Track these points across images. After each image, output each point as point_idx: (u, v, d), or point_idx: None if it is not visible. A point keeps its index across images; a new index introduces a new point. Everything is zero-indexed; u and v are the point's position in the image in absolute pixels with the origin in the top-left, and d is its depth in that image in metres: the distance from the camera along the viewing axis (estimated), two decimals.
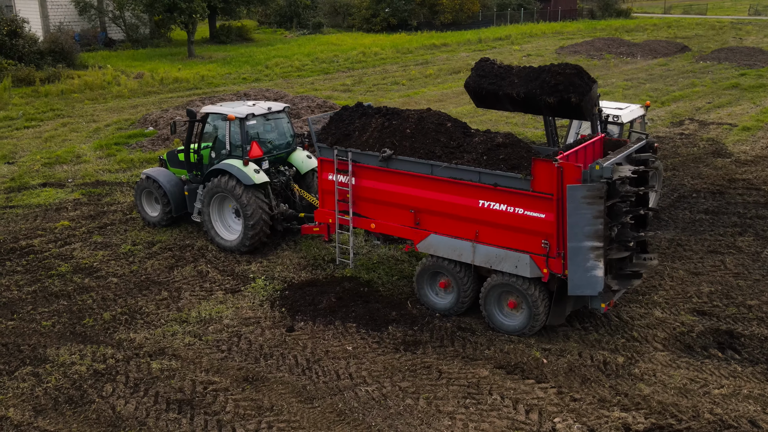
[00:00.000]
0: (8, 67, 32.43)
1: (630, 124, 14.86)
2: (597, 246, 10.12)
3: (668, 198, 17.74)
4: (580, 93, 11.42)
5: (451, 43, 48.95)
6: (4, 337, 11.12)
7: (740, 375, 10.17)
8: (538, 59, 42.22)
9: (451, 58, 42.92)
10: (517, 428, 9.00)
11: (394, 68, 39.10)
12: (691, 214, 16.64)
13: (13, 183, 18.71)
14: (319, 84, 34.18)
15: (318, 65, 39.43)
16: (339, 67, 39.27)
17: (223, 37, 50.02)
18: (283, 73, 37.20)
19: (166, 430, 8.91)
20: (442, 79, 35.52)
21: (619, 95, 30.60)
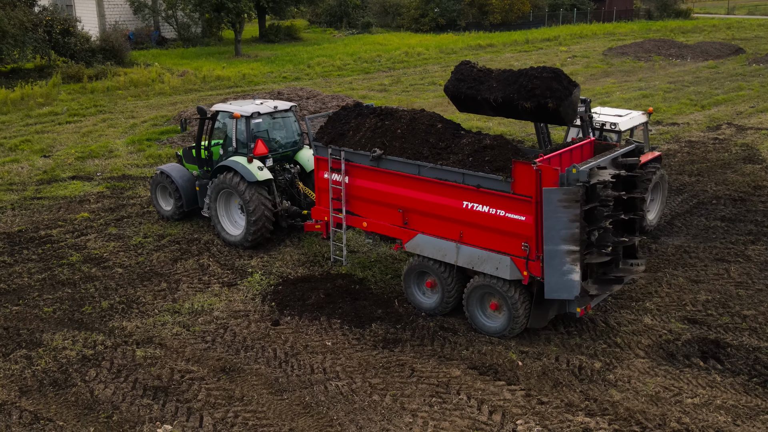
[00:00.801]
0: (60, 65, 33.75)
1: (630, 131, 14.55)
2: (573, 250, 10.09)
3: (686, 204, 17.40)
4: (558, 98, 11.31)
5: (497, 43, 48.68)
6: (7, 321, 11.72)
7: (718, 385, 9.99)
8: (584, 60, 41.71)
9: (495, 58, 42.69)
10: (478, 428, 9.07)
11: (435, 68, 39.15)
12: (707, 220, 16.29)
13: (44, 175, 19.56)
14: (357, 83, 34.50)
15: (359, 65, 39.78)
16: (380, 67, 39.53)
17: (272, 36, 50.87)
18: (323, 72, 37.67)
19: (137, 414, 9.30)
20: None
21: (659, 98, 30.01)
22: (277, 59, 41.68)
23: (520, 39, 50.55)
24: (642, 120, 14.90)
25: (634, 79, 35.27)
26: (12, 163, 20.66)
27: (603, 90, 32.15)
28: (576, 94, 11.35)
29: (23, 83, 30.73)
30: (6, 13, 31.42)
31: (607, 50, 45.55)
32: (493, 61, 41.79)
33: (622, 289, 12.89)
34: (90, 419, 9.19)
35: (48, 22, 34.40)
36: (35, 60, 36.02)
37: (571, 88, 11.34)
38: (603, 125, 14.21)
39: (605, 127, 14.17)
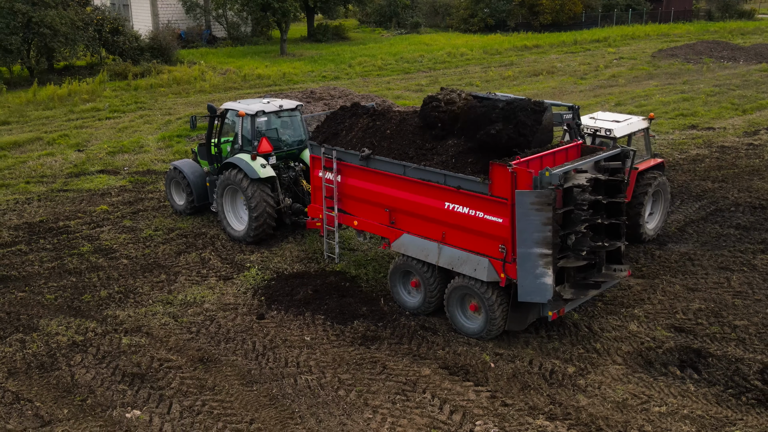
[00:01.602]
0: (109, 63, 34.95)
1: (628, 138, 14.21)
2: (546, 253, 10.07)
3: (703, 210, 17.03)
4: (525, 141, 10.87)
5: (543, 44, 48.14)
6: (11, 306, 12.34)
7: (690, 395, 9.83)
8: (630, 62, 40.93)
9: (539, 60, 42.28)
10: (436, 427, 9.17)
11: (475, 69, 39.02)
12: (721, 228, 15.92)
13: (75, 169, 20.38)
14: (395, 83, 34.69)
15: (400, 65, 39.94)
16: (421, 67, 39.62)
17: (320, 36, 51.45)
18: (363, 71, 37.97)
19: (110, 398, 9.71)
20: (519, 81, 35.16)
21: (699, 102, 29.29)
22: (321, 58, 42.19)
23: (568, 40, 49.86)
24: (642, 126, 14.58)
25: (679, 81, 34.45)
26: (47, 157, 21.57)
27: (643, 93, 31.54)
28: (547, 117, 11.14)
29: (71, 80, 31.95)
30: (58, 13, 32.70)
31: (656, 52, 44.54)
32: (537, 62, 41.41)
33: (615, 294, 12.77)
34: (66, 402, 9.65)
35: (98, 21, 35.65)
36: (86, 57, 37.38)
37: (536, 124, 10.89)
38: (596, 131, 13.98)
39: (599, 134, 13.92)
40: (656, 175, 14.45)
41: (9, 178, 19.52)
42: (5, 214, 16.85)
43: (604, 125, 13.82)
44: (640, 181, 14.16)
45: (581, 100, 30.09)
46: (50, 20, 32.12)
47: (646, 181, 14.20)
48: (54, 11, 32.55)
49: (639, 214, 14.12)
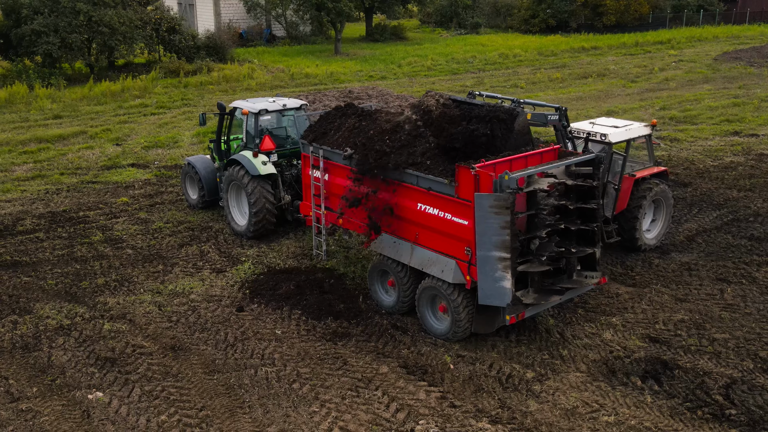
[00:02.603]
0: (162, 60, 36.24)
1: (627, 144, 13.85)
2: (504, 257, 10.08)
3: (720, 220, 16.53)
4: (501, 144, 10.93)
5: (602, 46, 47.13)
6: (15, 289, 13.12)
7: (644, 406, 9.67)
8: (689, 65, 39.69)
9: (594, 62, 41.46)
10: (378, 424, 9.33)
11: (525, 71, 38.60)
12: (733, 238, 15.43)
13: (108, 162, 21.34)
14: (440, 84, 34.71)
15: (450, 65, 39.90)
16: (470, 68, 39.48)
17: (377, 36, 51.83)
18: (411, 72, 38.12)
19: (78, 379, 10.26)
20: (566, 83, 34.64)
21: (750, 107, 28.23)
22: (372, 58, 42.56)
23: (630, 42, 48.62)
24: (643, 132, 14.17)
25: (734, 86, 33.23)
26: (86, 150, 22.65)
27: (692, 97, 30.59)
28: (520, 120, 11.12)
29: (125, 76, 33.31)
30: (117, 12, 34.13)
31: (720, 55, 43.01)
32: (591, 64, 40.63)
33: (599, 301, 12.61)
34: (38, 381, 10.25)
35: (156, 21, 37.00)
36: (143, 55, 38.85)
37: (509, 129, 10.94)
38: (589, 136, 13.74)
39: (594, 139, 13.64)
40: (656, 183, 14.09)
41: (46, 170, 20.60)
42: (33, 203, 17.83)
43: (600, 130, 13.55)
44: (638, 188, 13.84)
45: (625, 104, 29.46)
46: (109, 19, 33.55)
47: (644, 189, 13.86)
48: (113, 11, 33.97)
49: (636, 222, 13.81)
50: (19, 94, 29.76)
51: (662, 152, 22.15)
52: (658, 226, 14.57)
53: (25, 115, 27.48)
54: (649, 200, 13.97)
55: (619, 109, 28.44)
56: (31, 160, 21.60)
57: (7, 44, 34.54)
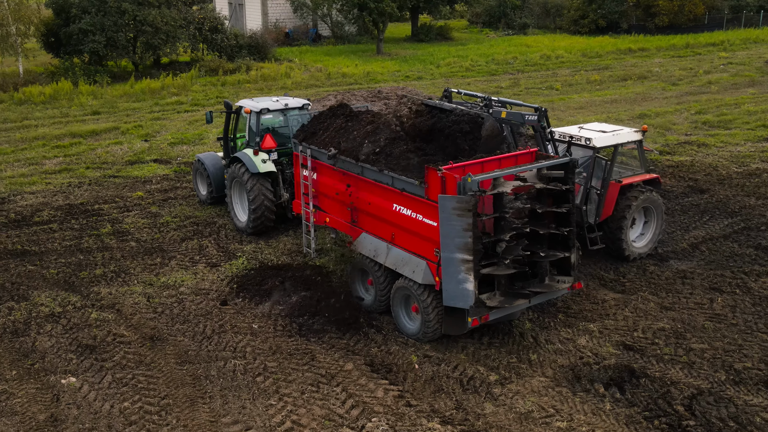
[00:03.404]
0: (209, 59, 37.14)
1: (614, 149, 13.55)
2: (467, 259, 10.12)
3: (730, 228, 16.12)
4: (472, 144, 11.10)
5: (650, 48, 46.09)
6: (18, 277, 13.75)
7: (601, 413, 9.58)
8: (737, 68, 38.51)
9: (639, 64, 40.61)
10: (330, 419, 9.49)
11: (565, 72, 38.09)
12: (739, 247, 15.03)
13: (133, 157, 22.05)
14: (474, 85, 34.58)
15: (489, 66, 39.67)
16: (509, 69, 39.17)
17: (423, 36, 51.85)
18: (449, 72, 38.07)
19: (56, 365, 10.73)
20: (603, 86, 34.05)
21: None
22: (413, 58, 42.64)
23: (680, 43, 47.40)
24: (633, 138, 13.83)
25: None
26: (114, 145, 23.43)
27: (732, 101, 29.71)
28: (486, 126, 11.13)
29: (164, 74, 34.26)
30: (160, 12, 35.13)
31: None
32: (635, 66, 39.80)
33: (582, 306, 12.49)
34: (18, 365, 10.77)
35: (200, 20, 37.92)
36: (186, 54, 39.84)
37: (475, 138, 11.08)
38: (572, 139, 13.55)
39: (578, 143, 13.44)
40: (644, 190, 13.78)
41: (74, 164, 21.42)
42: (55, 195, 18.60)
43: (585, 134, 13.35)
44: (624, 195, 13.57)
45: (660, 107, 28.84)
46: (152, 19, 34.56)
47: (631, 197, 13.58)
48: (156, 10, 34.97)
49: (621, 229, 13.55)
50: (63, 90, 30.94)
51: (687, 157, 21.66)
52: (648, 235, 14.24)
53: (66, 111, 28.57)
54: (637, 208, 13.66)
55: (652, 112, 27.86)
56: (61, 154, 22.48)
57: (57, 42, 35.91)
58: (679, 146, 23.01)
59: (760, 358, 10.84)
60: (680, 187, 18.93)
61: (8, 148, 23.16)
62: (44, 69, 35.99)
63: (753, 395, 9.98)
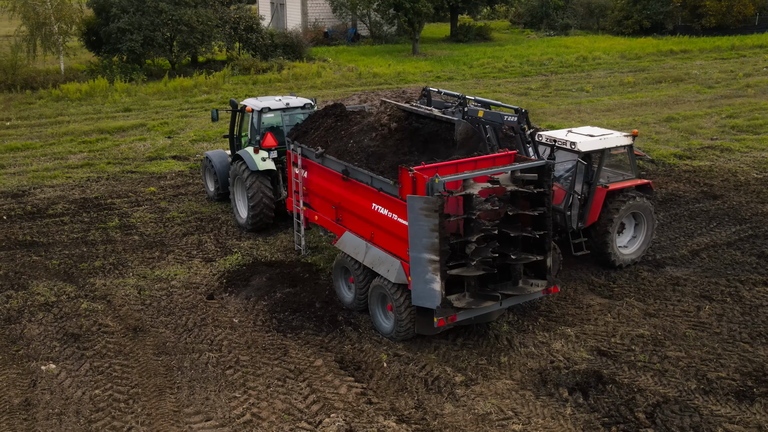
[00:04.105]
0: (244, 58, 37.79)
1: (601, 154, 13.29)
2: (433, 259, 10.18)
3: (737, 235, 15.78)
4: None
5: (692, 49, 45.05)
6: (21, 267, 14.31)
7: (559, 417, 9.53)
8: None
9: (677, 66, 39.75)
10: (290, 413, 9.67)
11: (600, 74, 37.54)
12: (741, 255, 14.70)
13: (153, 153, 22.63)
14: (504, 86, 34.39)
15: (523, 67, 39.36)
16: (543, 71, 38.79)
17: (461, 36, 51.70)
18: (481, 73, 37.91)
19: (40, 351, 11.17)
20: (636, 88, 33.46)
21: None
22: (447, 59, 42.58)
23: (724, 45, 46.21)
24: (622, 143, 13.53)
25: None
26: (138, 141, 24.08)
27: (764, 105, 28.89)
28: (459, 130, 11.19)
29: (197, 73, 34.98)
30: (196, 12, 35.89)
31: None
32: (673, 68, 38.97)
33: (566, 311, 12.41)
34: (5, 350, 11.23)
35: (235, 20, 38.59)
36: (222, 53, 40.57)
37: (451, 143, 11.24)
38: (555, 143, 13.39)
39: (563, 147, 13.26)
40: (632, 196, 13.51)
41: (96, 159, 22.10)
42: (72, 189, 19.24)
43: (571, 138, 13.17)
44: (611, 201, 13.35)
45: (690, 110, 28.23)
46: (187, 18, 35.33)
47: (618, 202, 13.35)
48: (192, 10, 35.74)
49: (607, 235, 13.34)
50: (99, 87, 31.89)
51: (707, 162, 21.20)
52: (638, 242, 13.98)
53: (99, 108, 29.44)
54: (624, 214, 13.41)
55: (681, 115, 27.31)
56: (86, 149, 23.21)
57: (98, 41, 36.99)
58: (701, 150, 22.52)
59: (737, 368, 10.62)
60: (693, 192, 18.56)
61: (38, 142, 24.02)
62: (86, 67, 37.12)
63: (721, 405, 9.79)
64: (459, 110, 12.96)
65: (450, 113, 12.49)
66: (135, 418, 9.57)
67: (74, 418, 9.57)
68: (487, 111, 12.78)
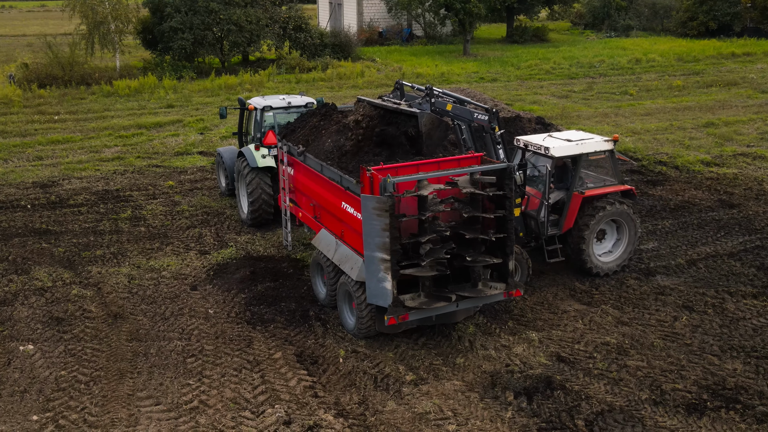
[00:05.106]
0: (286, 57, 38.53)
1: (578, 158, 13.00)
2: (385, 258, 10.33)
3: (743, 246, 15.29)
4: None
5: (756, 52, 43.29)
6: (29, 253, 15.13)
7: (497, 420, 9.54)
8: None
9: (735, 70, 38.33)
10: (236, 402, 9.99)
11: (650, 77, 36.57)
12: (741, 266, 14.24)
13: (182, 148, 23.42)
14: (547, 88, 33.97)
15: (571, 69, 38.72)
16: (591, 73, 38.05)
17: (517, 37, 51.19)
18: (527, 74, 37.51)
19: (24, 333, 11.84)
20: (683, 92, 32.49)
21: None
22: (496, 60, 42.26)
23: None
24: (602, 148, 13.21)
25: None
26: (171, 137, 24.95)
27: None
28: (423, 120, 11.26)
29: (243, 71, 35.86)
30: (245, 12, 36.81)
31: None
32: (731, 72, 37.60)
33: (538, 315, 12.34)
34: None
35: (285, 20, 39.38)
36: (271, 52, 41.43)
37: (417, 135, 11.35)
38: (526, 146, 13.19)
39: (537, 151, 13.06)
40: (611, 202, 13.19)
41: (127, 153, 23.04)
42: (98, 181, 20.15)
43: (546, 143, 12.96)
44: (587, 207, 13.10)
45: (734, 116, 27.28)
46: (236, 18, 36.27)
47: (595, 208, 13.08)
48: (241, 10, 36.66)
49: (582, 241, 13.09)
50: (147, 84, 33.11)
51: (734, 170, 20.50)
52: (620, 250, 13.66)
53: (144, 104, 30.60)
54: (601, 220, 13.13)
55: (722, 121, 26.42)
56: (121, 143, 24.21)
57: (153, 39, 38.38)
58: (732, 158, 21.77)
59: (696, 380, 10.35)
60: (710, 200, 18.00)
61: (78, 136, 25.20)
62: (141, 64, 38.57)
63: (669, 417, 9.59)
64: (426, 101, 12.97)
65: (417, 105, 12.53)
66: (91, 400, 10.06)
67: (35, 396, 10.14)
68: (457, 106, 12.72)
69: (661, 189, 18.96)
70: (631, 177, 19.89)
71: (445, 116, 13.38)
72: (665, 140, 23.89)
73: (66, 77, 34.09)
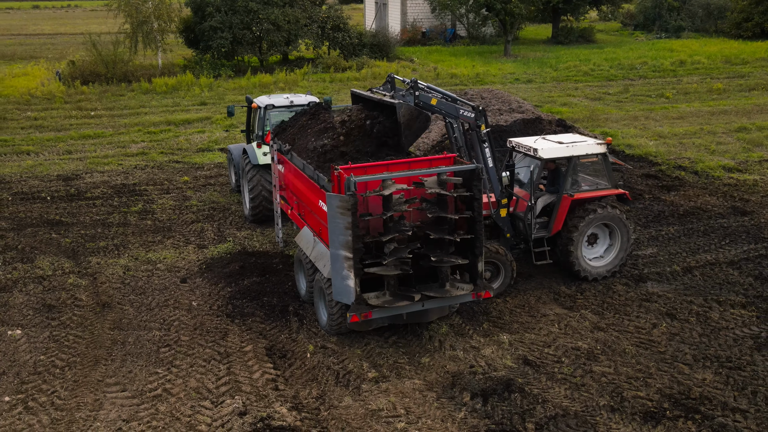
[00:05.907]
0: (323, 56, 38.93)
1: (569, 161, 12.83)
2: (348, 256, 10.46)
3: (747, 254, 14.88)
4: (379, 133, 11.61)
5: None
6: (38, 243, 15.78)
7: (449, 419, 9.57)
8: None
9: None
10: (198, 392, 10.27)
11: (692, 80, 35.66)
12: (739, 275, 13.89)
13: (204, 145, 23.98)
14: (581, 90, 33.49)
15: (609, 71, 38.06)
16: (630, 75, 37.33)
17: (562, 38, 50.54)
18: (562, 76, 37.04)
19: (15, 318, 12.39)
20: (723, 95, 31.61)
21: None
22: (535, 61, 41.83)
23: None
24: (595, 150, 13.00)
25: None
26: (197, 134, 25.57)
27: None
28: (401, 111, 11.33)
29: (278, 69, 36.39)
30: (283, 11, 37.38)
31: None
32: None
33: (515, 318, 12.29)
34: None
35: (323, 19, 39.81)
36: (309, 51, 41.90)
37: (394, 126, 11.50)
38: (513, 148, 13.05)
39: (526, 152, 12.94)
40: (601, 205, 13.00)
41: (151, 149, 23.72)
42: (118, 175, 20.83)
43: (536, 145, 12.86)
44: (577, 210, 12.94)
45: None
46: (275, 17, 36.86)
47: (584, 211, 12.91)
48: (279, 10, 37.24)
49: (571, 244, 12.94)
50: (184, 82, 33.94)
51: (756, 176, 19.90)
52: (611, 255, 13.44)
53: (179, 101, 31.39)
54: (590, 224, 12.95)
55: (755, 126, 25.65)
56: (148, 139, 24.94)
57: (195, 38, 39.31)
58: (756, 164, 21.14)
59: (660, 389, 10.16)
60: (722, 207, 17.54)
61: (109, 131, 26.05)
62: (183, 62, 39.55)
63: (624, 425, 9.45)
64: (410, 94, 13.02)
65: (400, 97, 12.64)
66: (62, 384, 10.48)
67: (12, 378, 10.62)
68: (442, 101, 12.75)
69: (674, 194, 18.55)
70: (645, 181, 19.53)
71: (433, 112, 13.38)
72: (691, 144, 23.33)
73: (109, 74, 35.20)
